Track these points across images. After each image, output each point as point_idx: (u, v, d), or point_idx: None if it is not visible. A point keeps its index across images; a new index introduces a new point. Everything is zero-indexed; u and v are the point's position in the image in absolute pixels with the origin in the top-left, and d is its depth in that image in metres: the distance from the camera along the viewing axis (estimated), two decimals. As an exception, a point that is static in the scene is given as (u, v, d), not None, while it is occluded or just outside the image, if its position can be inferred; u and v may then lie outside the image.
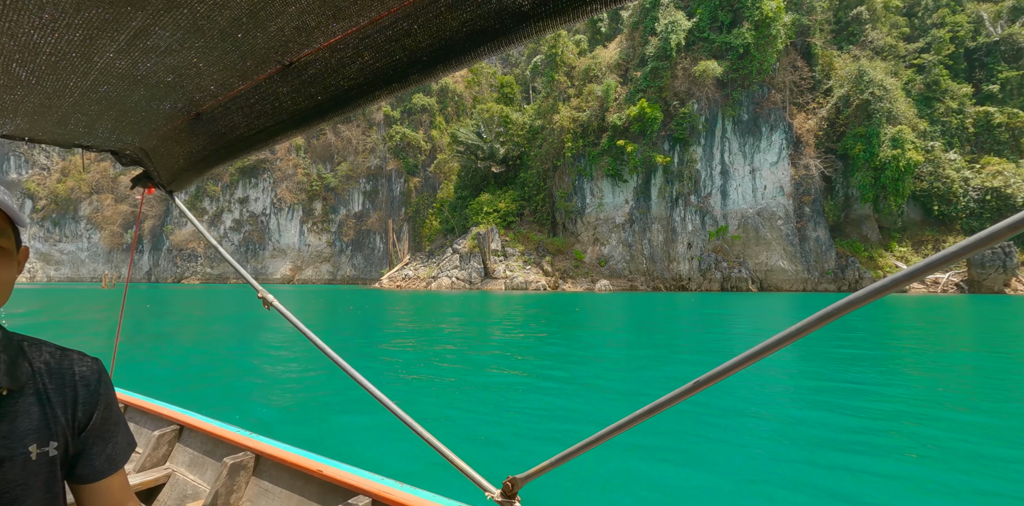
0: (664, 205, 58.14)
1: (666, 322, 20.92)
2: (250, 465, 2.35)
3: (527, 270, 58.24)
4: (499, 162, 69.00)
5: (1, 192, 0.80)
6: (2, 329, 0.89)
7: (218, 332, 17.67)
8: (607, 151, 58.42)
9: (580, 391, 8.22)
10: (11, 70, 1.31)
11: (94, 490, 0.94)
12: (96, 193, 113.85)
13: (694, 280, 56.14)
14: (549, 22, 0.96)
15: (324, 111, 1.42)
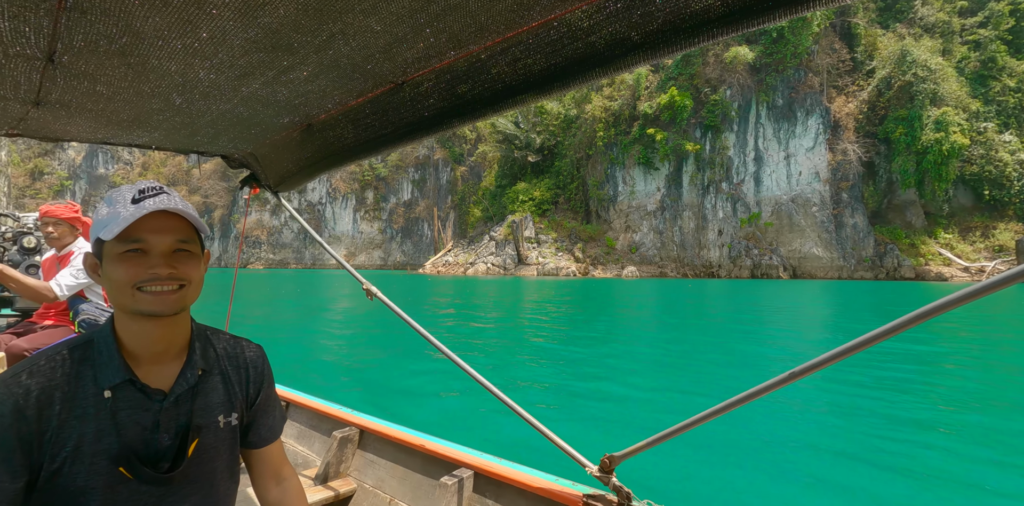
0: (695, 192, 58.47)
1: (728, 310, 20.82)
2: (355, 439, 2.46)
3: (559, 257, 60.32)
4: (535, 151, 70.92)
5: (187, 205, 0.96)
6: (192, 320, 1.07)
7: (307, 315, 18.55)
8: (638, 139, 59.20)
9: (678, 374, 8.43)
10: (170, 98, 1.54)
11: (260, 455, 1.15)
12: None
13: (724, 267, 56.48)
14: (653, 53, 1.03)
15: (431, 125, 1.50)
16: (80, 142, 2.11)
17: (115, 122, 1.79)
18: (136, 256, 0.91)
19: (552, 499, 1.72)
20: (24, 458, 0.85)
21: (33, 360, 0.92)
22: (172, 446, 0.97)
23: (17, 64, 1.29)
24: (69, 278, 3.26)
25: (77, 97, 1.54)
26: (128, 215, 0.88)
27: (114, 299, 0.94)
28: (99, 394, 0.91)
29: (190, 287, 0.96)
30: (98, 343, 0.96)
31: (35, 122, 1.80)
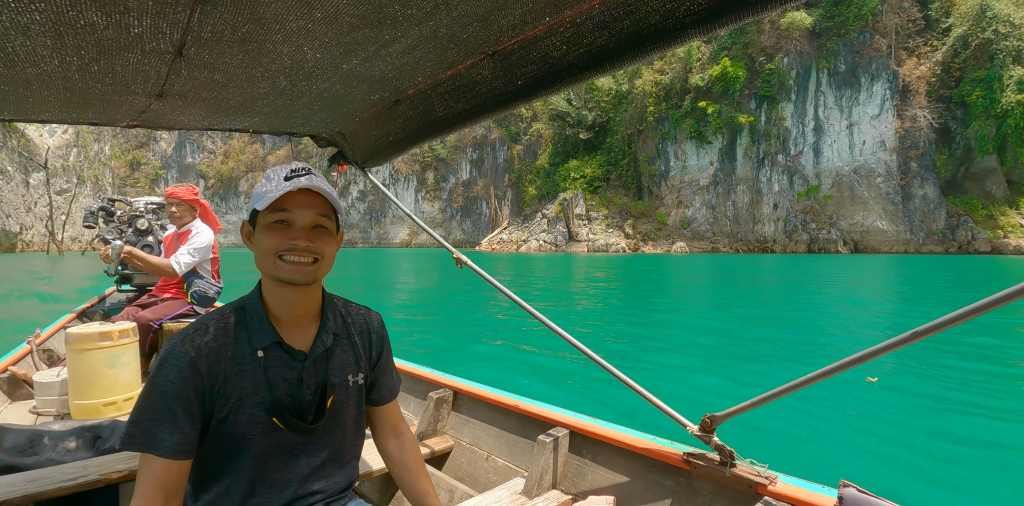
0: (750, 165, 57.07)
1: (800, 283, 20.28)
2: (450, 399, 2.56)
3: (609, 233, 61.04)
4: (587, 128, 71.08)
5: (329, 187, 1.05)
6: (324, 290, 1.19)
7: (387, 288, 18.98)
8: (690, 113, 58.22)
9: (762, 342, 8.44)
10: (276, 81, 1.58)
11: (381, 411, 1.30)
12: (251, 171, 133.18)
13: (779, 242, 55.24)
14: (753, 9, 0.96)
15: (522, 94, 1.48)
16: (188, 130, 2.24)
17: (223, 109, 1.89)
18: (281, 227, 1.03)
19: (651, 457, 1.72)
20: (199, 407, 1.00)
21: (201, 323, 1.06)
22: (313, 401, 1.10)
23: (150, 59, 1.36)
24: (186, 256, 3.59)
25: (195, 87, 1.61)
26: (279, 189, 1.00)
27: (260, 265, 1.06)
28: (253, 353, 1.05)
29: (323, 261, 1.07)
30: (249, 309, 1.09)
31: (154, 113, 1.91)
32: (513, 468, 2.17)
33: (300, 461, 1.10)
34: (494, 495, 1.88)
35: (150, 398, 0.98)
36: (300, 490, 1.10)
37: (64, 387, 2.88)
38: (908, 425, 4.75)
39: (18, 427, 2.26)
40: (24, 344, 3.68)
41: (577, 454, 1.96)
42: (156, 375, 0.99)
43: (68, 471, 1.92)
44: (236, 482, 1.05)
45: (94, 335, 2.75)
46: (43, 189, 62.79)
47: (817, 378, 1.21)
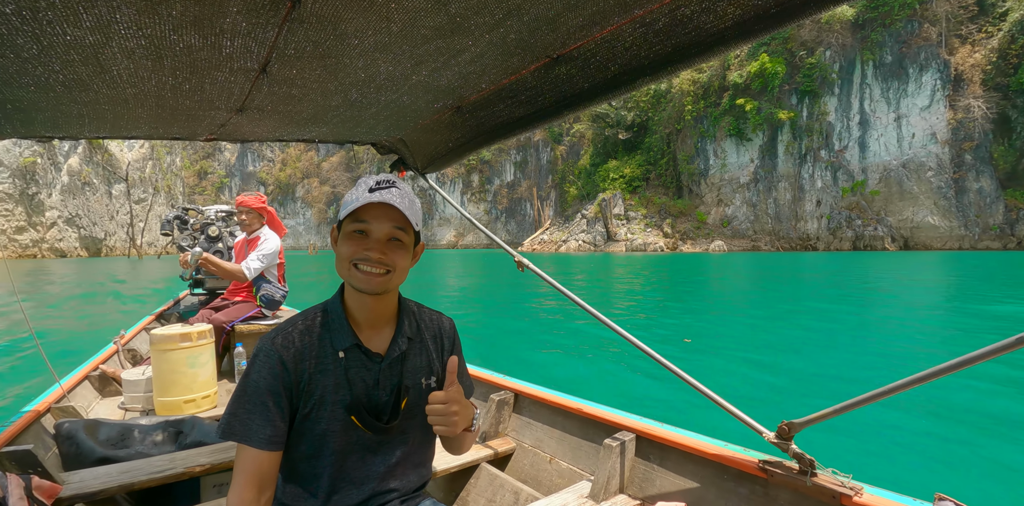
0: (791, 162, 56.09)
1: (858, 281, 19.42)
2: (511, 401, 2.54)
3: (647, 232, 61.36)
4: (626, 128, 71.47)
5: (411, 201, 1.08)
6: (399, 295, 1.21)
7: (439, 289, 19.13)
8: (728, 111, 57.80)
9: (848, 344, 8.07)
10: (348, 94, 1.61)
11: None
12: (307, 178, 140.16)
13: (822, 239, 54.06)
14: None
15: (588, 97, 1.46)
16: (260, 141, 2.27)
17: (295, 121, 1.95)
18: (359, 237, 1.07)
19: (723, 464, 1.66)
20: (287, 401, 1.06)
21: (289, 323, 1.12)
22: (388, 402, 1.14)
23: (236, 77, 1.42)
24: (255, 262, 3.69)
25: (273, 101, 1.67)
26: (361, 200, 1.04)
27: (338, 270, 1.10)
28: (335, 354, 1.10)
29: (395, 273, 1.09)
30: (331, 311, 1.14)
31: (232, 127, 2.00)
32: (577, 471, 2.15)
33: (376, 459, 1.15)
34: (560, 498, 1.86)
35: (245, 392, 1.05)
36: (378, 487, 1.15)
37: (149, 385, 3.02)
38: (1008, 435, 4.28)
39: (111, 421, 2.41)
40: (111, 344, 3.83)
41: (644, 459, 1.93)
42: (250, 370, 1.06)
43: (157, 464, 2.08)
44: (319, 477, 1.10)
45: (176, 336, 2.88)
46: (124, 199, 69.21)
47: (909, 385, 1.14)
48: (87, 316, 12.58)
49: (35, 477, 1.80)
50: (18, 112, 1.60)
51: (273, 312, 3.97)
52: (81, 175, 62.13)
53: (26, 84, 1.35)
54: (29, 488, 1.73)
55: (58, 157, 59.63)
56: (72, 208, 60.49)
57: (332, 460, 1.10)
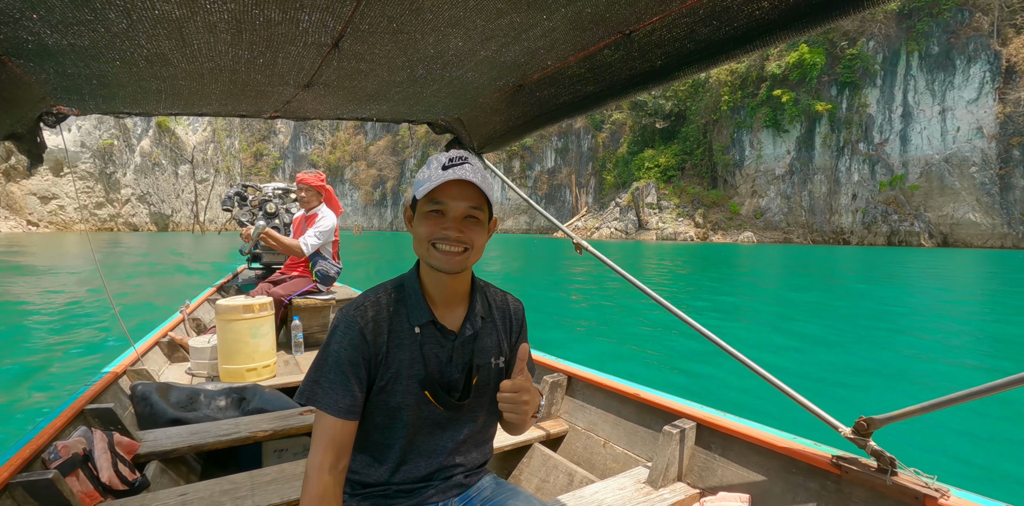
0: (828, 154, 55.52)
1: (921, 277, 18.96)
2: (564, 384, 2.52)
3: (678, 222, 62.13)
4: (664, 117, 71.73)
5: (484, 177, 1.06)
6: (472, 274, 1.20)
7: (492, 273, 18.73)
8: (765, 102, 57.48)
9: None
10: (414, 70, 1.59)
11: None
12: (354, 160, 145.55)
13: (856, 233, 53.61)
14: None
15: (658, 76, 1.39)
16: (321, 119, 2.32)
17: (358, 98, 1.94)
18: (436, 216, 1.06)
19: (791, 457, 1.60)
20: (365, 373, 1.08)
21: (369, 297, 1.12)
22: (459, 379, 1.15)
23: (309, 51, 1.41)
24: (313, 238, 3.78)
25: (340, 77, 1.66)
26: (435, 179, 1.02)
27: (416, 249, 1.10)
28: (411, 329, 1.11)
29: (472, 251, 1.08)
30: (408, 287, 1.15)
31: (296, 104, 2.00)
32: (633, 457, 2.12)
33: (445, 435, 1.18)
34: (617, 482, 1.86)
35: (326, 361, 1.07)
36: (445, 461, 1.18)
37: (214, 352, 3.10)
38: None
39: (180, 385, 2.53)
40: (177, 313, 3.97)
41: (705, 448, 1.89)
42: (330, 341, 1.08)
43: (223, 427, 2.21)
44: (390, 448, 1.14)
45: (239, 308, 2.94)
46: (188, 179, 75.07)
47: (1005, 386, 1.04)
48: (156, 286, 13.55)
49: (116, 433, 1.92)
50: (102, 88, 1.67)
51: (327, 287, 4.07)
52: (151, 156, 67.92)
53: (112, 59, 1.40)
54: (111, 443, 1.84)
55: (132, 139, 65.38)
56: (143, 186, 66.41)
57: (404, 433, 1.13)
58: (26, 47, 1.30)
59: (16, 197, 55.14)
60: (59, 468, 1.60)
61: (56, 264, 19.09)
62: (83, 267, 17.61)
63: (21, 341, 7.42)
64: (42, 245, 31.49)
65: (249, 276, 5.62)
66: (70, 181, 58.05)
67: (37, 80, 1.55)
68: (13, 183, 55.46)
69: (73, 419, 1.94)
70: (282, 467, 1.96)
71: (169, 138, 72.08)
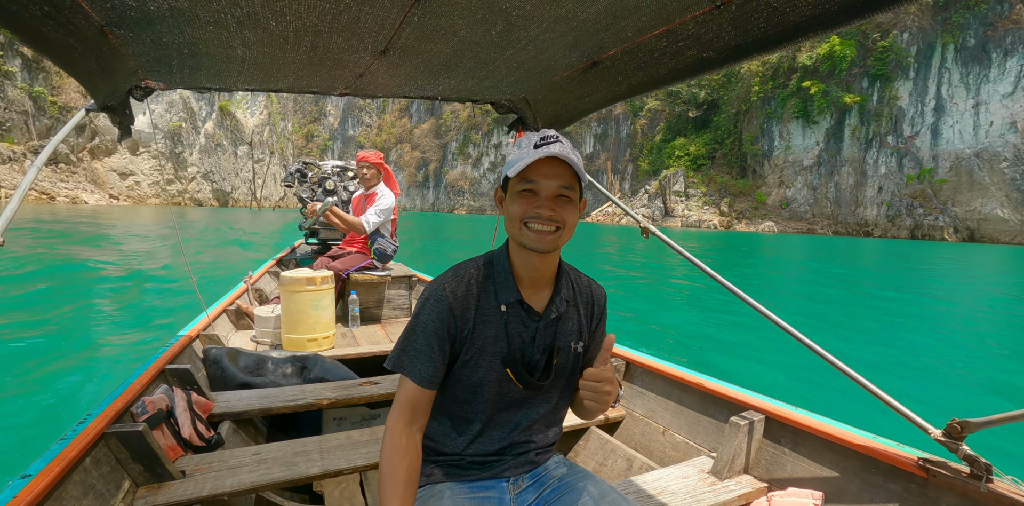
0: (857, 147, 55.82)
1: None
2: (622, 369, 2.49)
3: (704, 210, 63.75)
4: (697, 106, 72.65)
5: (576, 155, 1.05)
6: (560, 258, 1.19)
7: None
8: (795, 93, 57.98)
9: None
10: (492, 29, 1.51)
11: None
12: (399, 143, 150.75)
13: (879, 226, 54.12)
14: None
15: (750, 50, 1.30)
16: (387, 97, 2.31)
17: (427, 72, 1.91)
18: (528, 196, 1.06)
19: (870, 456, 1.54)
20: (450, 347, 1.11)
21: (459, 272, 1.15)
22: (540, 360, 1.16)
23: (393, 6, 1.36)
24: (373, 216, 3.86)
25: (417, 40, 1.62)
26: (528, 158, 1.03)
27: (507, 229, 1.12)
28: (497, 307, 1.12)
29: (564, 230, 1.08)
30: (496, 265, 1.16)
31: (367, 78, 2.01)
32: (694, 446, 2.08)
33: (521, 412, 1.20)
34: (680, 470, 1.83)
35: (414, 332, 1.11)
36: (518, 438, 1.20)
37: (278, 322, 3.22)
38: None
39: (248, 351, 2.63)
40: (241, 283, 4.12)
41: (774, 441, 1.83)
42: (419, 313, 1.12)
43: (289, 393, 2.28)
44: (468, 422, 1.17)
45: (303, 280, 3.02)
46: (246, 158, 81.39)
47: None
48: (219, 257, 14.10)
49: (193, 393, 2.03)
50: (191, 57, 1.70)
51: (383, 264, 4.10)
52: (214, 137, 74.25)
53: (206, 23, 1.42)
54: (190, 402, 1.95)
55: (197, 122, 71.67)
56: (207, 165, 72.89)
57: (483, 408, 1.15)
58: (128, 14, 1.33)
59: (99, 173, 62.03)
60: (147, 421, 1.70)
61: (137, 234, 21.04)
62: (159, 237, 19.07)
63: (105, 302, 7.93)
64: (122, 217, 34.97)
65: (306, 250, 5.76)
66: (145, 159, 64.61)
67: (132, 52, 1.60)
68: (97, 161, 62.35)
69: (155, 377, 2.03)
70: (349, 434, 2.03)
71: (230, 121, 78.34)
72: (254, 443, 2.32)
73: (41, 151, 1.60)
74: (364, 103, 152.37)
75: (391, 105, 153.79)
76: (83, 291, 8.80)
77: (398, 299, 4.11)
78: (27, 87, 51.29)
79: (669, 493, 1.70)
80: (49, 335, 6.04)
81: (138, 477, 1.62)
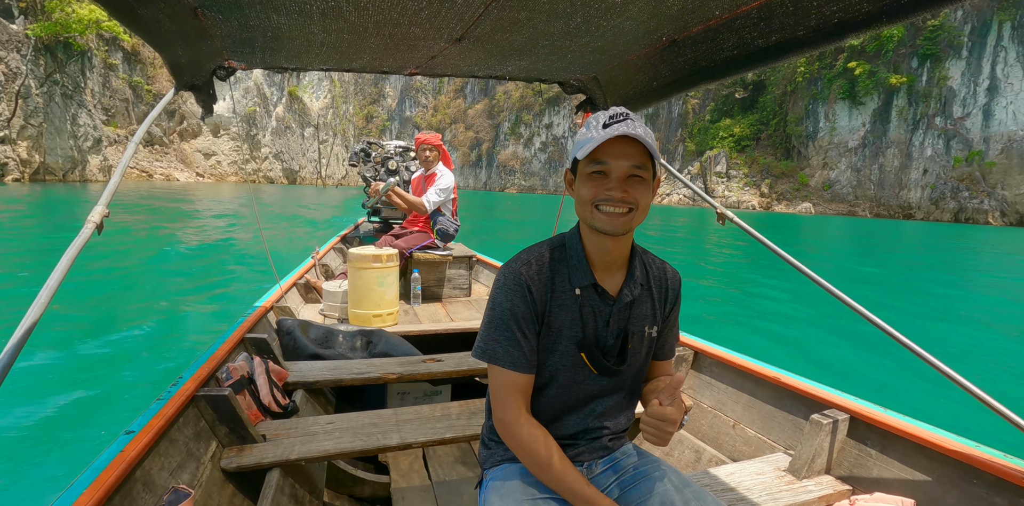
0: (904, 128, 55.13)
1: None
2: (689, 359, 2.42)
3: (744, 191, 64.69)
4: (743, 87, 72.55)
5: (647, 132, 0.99)
6: (632, 240, 1.15)
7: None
8: (842, 73, 57.49)
9: None
10: (572, 20, 1.48)
11: (657, 365, 1.26)
12: (454, 123, 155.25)
13: (922, 209, 53.77)
14: None
15: (857, 26, 1.14)
16: (455, 77, 2.26)
17: (498, 53, 1.86)
18: (599, 177, 1.02)
19: (972, 465, 1.42)
20: (535, 326, 1.09)
21: (533, 254, 1.12)
22: (615, 345, 1.13)
23: (459, 6, 1.37)
24: (434, 196, 3.92)
25: (493, 30, 1.59)
26: (597, 138, 0.98)
27: (578, 212, 1.09)
28: (572, 291, 1.09)
29: (637, 211, 1.03)
30: (569, 248, 1.13)
31: (439, 60, 1.96)
32: (768, 442, 2.01)
33: (595, 397, 1.17)
34: (754, 466, 1.78)
35: (501, 319, 1.08)
36: (592, 423, 1.18)
37: (344, 297, 3.28)
38: None
39: (317, 324, 2.70)
40: (309, 259, 4.18)
41: (859, 442, 1.74)
42: (500, 298, 1.09)
43: (356, 366, 2.32)
44: (545, 405, 1.15)
45: (369, 257, 3.09)
46: (312, 140, 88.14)
47: None
48: (288, 232, 14.49)
49: (270, 361, 2.09)
50: (273, 40, 1.72)
51: (445, 244, 4.16)
52: (284, 120, 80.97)
53: (292, 11, 1.43)
54: (268, 370, 2.02)
55: (269, 106, 78.40)
56: (278, 146, 79.83)
57: (557, 392, 1.14)
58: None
59: (187, 154, 69.72)
60: (232, 387, 1.77)
61: (218, 211, 21.63)
62: (236, 214, 19.51)
63: (186, 271, 8.25)
64: (205, 192, 38.27)
65: (368, 228, 5.85)
66: (225, 141, 71.84)
67: (219, 33, 1.62)
68: (185, 142, 70.02)
69: (236, 346, 2.11)
70: (418, 409, 2.06)
71: (298, 105, 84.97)
72: (324, 412, 2.41)
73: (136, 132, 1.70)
74: (421, 84, 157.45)
75: (446, 86, 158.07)
76: (174, 260, 9.45)
77: (458, 279, 4.18)
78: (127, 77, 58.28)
79: (744, 488, 1.65)
80: (143, 301, 6.47)
81: (224, 438, 1.71)
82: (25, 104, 36.18)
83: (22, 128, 36.07)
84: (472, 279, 4.47)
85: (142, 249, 10.49)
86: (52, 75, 39.04)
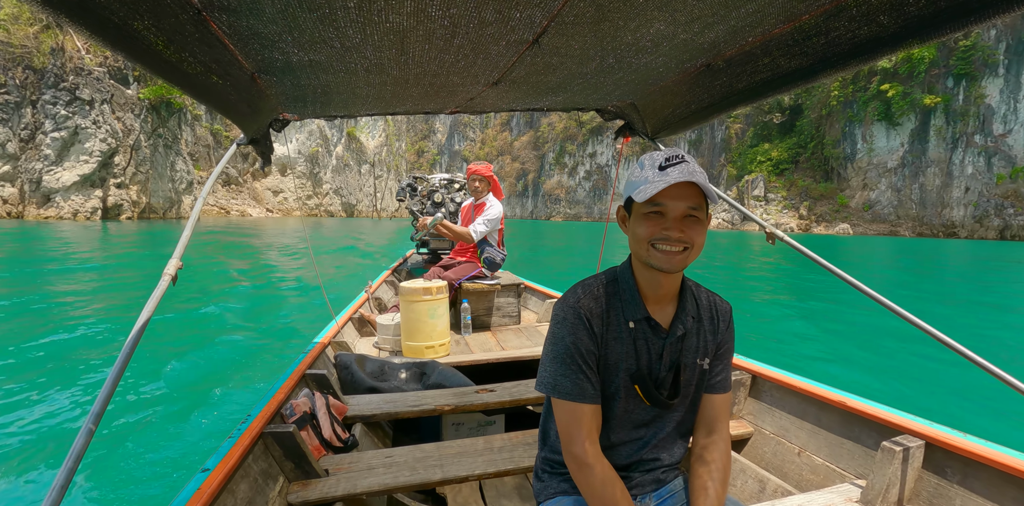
0: (943, 147, 55.11)
1: None
2: (748, 383, 2.35)
3: (782, 213, 65.40)
4: (781, 111, 73.95)
5: (702, 175, 1.03)
6: (683, 274, 1.17)
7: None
8: (876, 95, 58.36)
9: None
10: (605, 59, 1.52)
11: (710, 401, 1.22)
12: (500, 155, 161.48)
13: (966, 227, 53.08)
14: None
15: (893, 42, 1.13)
16: (493, 112, 2.34)
17: (538, 91, 1.90)
18: (655, 217, 1.04)
19: None
20: (595, 359, 1.11)
21: (588, 288, 1.15)
22: (667, 377, 1.15)
23: (507, 50, 1.39)
24: (481, 226, 3.97)
25: (527, 74, 1.63)
26: (656, 182, 1.00)
27: (633, 249, 1.11)
28: (625, 324, 1.11)
29: (693, 249, 1.06)
30: (621, 282, 1.15)
31: (478, 100, 2.02)
32: (837, 470, 1.91)
33: (648, 430, 1.19)
34: (824, 497, 1.66)
35: (565, 353, 1.10)
36: (645, 455, 1.19)
37: (398, 330, 3.31)
38: None
39: (373, 357, 2.74)
40: (363, 293, 4.26)
41: (937, 473, 1.61)
42: (562, 333, 1.11)
43: (411, 399, 2.37)
44: (599, 437, 1.13)
45: (419, 290, 3.14)
46: (368, 175, 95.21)
47: None
48: (343, 264, 14.78)
49: (330, 396, 2.12)
50: (323, 95, 1.83)
51: (492, 273, 4.18)
52: (343, 159, 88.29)
53: (339, 70, 1.52)
54: (328, 405, 2.05)
55: (330, 146, 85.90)
56: (338, 182, 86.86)
57: (612, 424, 1.15)
58: (275, 65, 1.45)
59: (259, 191, 77.22)
60: (296, 423, 1.81)
61: (279, 243, 22.54)
62: (296, 251, 19.76)
63: (249, 308, 8.37)
64: (272, 226, 40.69)
65: (417, 260, 5.98)
66: (291, 179, 79.12)
67: (275, 92, 1.72)
68: (256, 181, 77.70)
69: (298, 382, 2.16)
70: (463, 442, 2.09)
71: (355, 144, 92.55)
72: (382, 445, 2.51)
73: (208, 178, 1.85)
74: (469, 119, 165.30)
75: (493, 120, 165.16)
76: (241, 298, 9.49)
77: (507, 307, 4.19)
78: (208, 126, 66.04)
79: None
80: (213, 337, 6.50)
81: (290, 473, 1.74)
82: (136, 154, 42.90)
83: (133, 175, 42.69)
84: (521, 306, 4.53)
85: (213, 285, 10.80)
86: (157, 129, 45.99)
